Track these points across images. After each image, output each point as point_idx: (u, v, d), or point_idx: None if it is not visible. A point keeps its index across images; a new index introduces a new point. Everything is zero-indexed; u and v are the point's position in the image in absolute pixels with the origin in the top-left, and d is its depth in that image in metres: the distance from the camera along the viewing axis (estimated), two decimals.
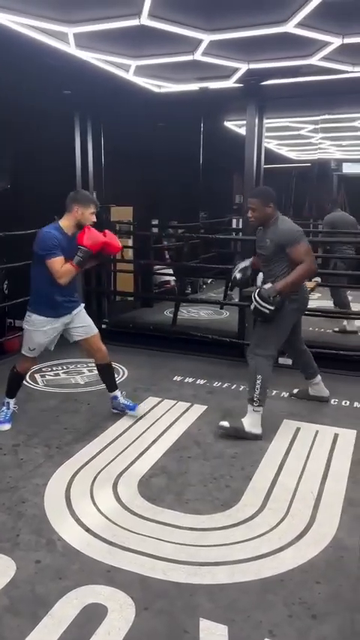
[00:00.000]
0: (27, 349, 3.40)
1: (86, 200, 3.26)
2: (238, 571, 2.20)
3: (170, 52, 3.93)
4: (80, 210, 3.22)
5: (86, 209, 3.22)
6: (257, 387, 3.33)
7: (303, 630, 1.90)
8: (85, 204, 3.23)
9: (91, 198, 3.36)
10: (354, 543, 2.38)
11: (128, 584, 2.12)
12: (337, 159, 9.52)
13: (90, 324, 3.55)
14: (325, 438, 3.44)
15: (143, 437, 3.43)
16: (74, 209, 3.22)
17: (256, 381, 3.33)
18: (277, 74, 4.47)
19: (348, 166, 9.10)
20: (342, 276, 6.00)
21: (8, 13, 3.26)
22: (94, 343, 3.58)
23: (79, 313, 3.50)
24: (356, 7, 3.08)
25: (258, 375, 3.33)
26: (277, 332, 3.38)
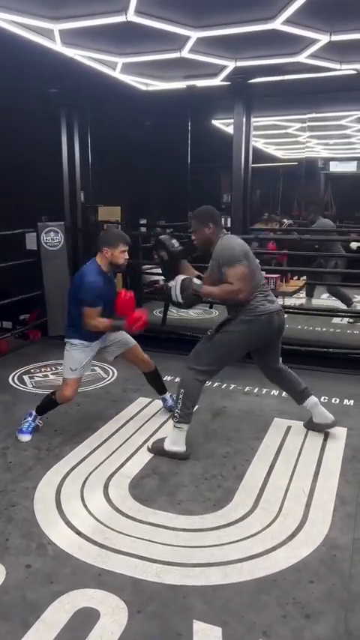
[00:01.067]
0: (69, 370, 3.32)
1: (114, 239, 3.19)
2: (231, 572, 2.18)
3: (157, 49, 3.90)
4: (109, 251, 3.17)
5: (115, 249, 3.16)
6: (179, 401, 3.07)
7: (297, 630, 1.89)
8: (113, 244, 3.17)
9: (120, 236, 3.24)
10: (346, 542, 2.37)
11: (120, 587, 2.09)
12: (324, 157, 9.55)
13: (125, 337, 3.48)
14: (315, 436, 3.43)
15: (134, 438, 3.40)
16: (103, 250, 3.19)
17: (180, 395, 3.08)
18: (264, 72, 4.46)
19: (335, 165, 9.13)
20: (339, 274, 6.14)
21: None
22: (135, 355, 3.56)
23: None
24: (343, 4, 3.08)
25: (181, 389, 3.08)
26: (215, 349, 3.06)
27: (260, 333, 3.09)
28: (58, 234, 5.45)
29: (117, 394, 4.17)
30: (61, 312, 5.47)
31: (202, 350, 3.11)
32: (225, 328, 3.05)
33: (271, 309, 3.06)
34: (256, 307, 3.02)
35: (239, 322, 3.02)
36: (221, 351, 3.09)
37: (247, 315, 3.01)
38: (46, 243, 5.42)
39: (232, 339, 3.06)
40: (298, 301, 6.79)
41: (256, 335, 3.09)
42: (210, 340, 3.07)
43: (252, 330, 3.05)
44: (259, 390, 4.28)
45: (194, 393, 3.10)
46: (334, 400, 4.04)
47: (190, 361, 3.12)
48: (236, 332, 3.04)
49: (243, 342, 3.13)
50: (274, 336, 3.19)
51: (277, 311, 3.10)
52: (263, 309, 3.03)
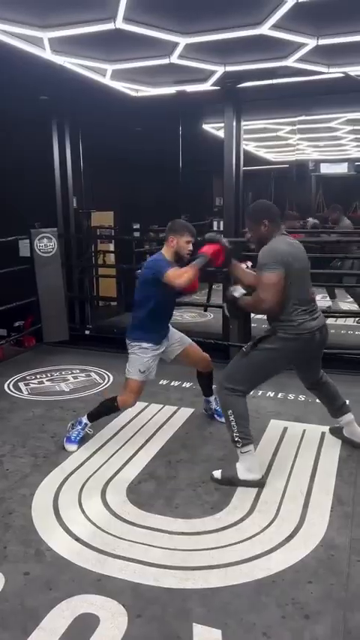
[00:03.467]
0: (137, 372, 3.25)
1: (180, 229, 3.14)
2: (230, 574, 2.19)
3: (146, 55, 3.93)
4: (175, 239, 3.13)
5: (181, 237, 3.11)
6: (232, 424, 2.81)
7: (297, 631, 1.89)
8: (179, 233, 3.12)
9: (186, 226, 3.17)
10: (344, 541, 2.38)
11: (120, 592, 2.09)
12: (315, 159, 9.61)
13: (181, 336, 3.46)
14: (312, 436, 3.45)
15: (131, 442, 3.41)
16: (169, 239, 3.15)
17: (229, 417, 2.82)
18: (253, 76, 4.50)
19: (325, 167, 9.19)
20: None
21: None
22: (195, 352, 3.51)
23: (170, 332, 3.43)
24: (329, 9, 3.12)
25: (229, 411, 2.83)
26: (249, 367, 2.84)
27: (300, 351, 2.86)
28: (51, 240, 5.46)
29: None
30: (56, 319, 5.50)
31: (236, 367, 2.89)
32: (261, 345, 2.81)
33: (313, 327, 2.80)
34: (298, 324, 2.76)
35: (278, 339, 2.78)
36: (257, 369, 2.87)
37: (287, 332, 2.76)
38: (40, 249, 5.42)
39: (269, 357, 2.82)
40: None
41: (295, 354, 2.87)
42: (245, 357, 2.85)
43: (292, 348, 2.81)
44: (255, 392, 4.28)
45: (243, 410, 2.85)
46: None
47: (224, 380, 2.90)
48: (273, 350, 2.79)
49: (280, 361, 2.89)
50: (315, 352, 2.98)
51: (319, 328, 2.85)
52: (305, 327, 2.77)
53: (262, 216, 2.83)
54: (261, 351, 2.81)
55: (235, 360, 2.94)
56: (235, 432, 2.81)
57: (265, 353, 2.81)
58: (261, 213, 2.86)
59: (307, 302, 2.84)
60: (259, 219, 2.83)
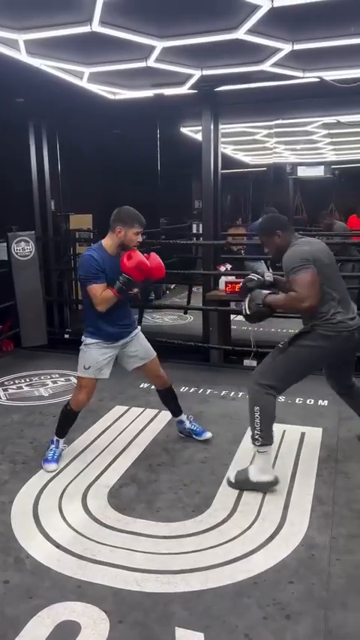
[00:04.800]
0: (82, 369, 3.13)
1: (129, 219, 2.95)
2: (211, 577, 2.19)
3: (123, 58, 3.92)
4: (123, 230, 2.93)
5: (129, 229, 2.92)
6: (257, 421, 2.76)
7: (278, 631, 1.90)
8: (127, 223, 2.93)
9: (135, 216, 2.98)
10: (324, 541, 2.40)
11: (101, 598, 2.08)
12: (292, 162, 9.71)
13: (147, 349, 3.26)
14: (292, 437, 3.48)
15: (111, 447, 3.39)
16: (116, 229, 2.94)
17: (255, 414, 2.77)
18: (230, 80, 4.53)
19: (302, 170, 9.29)
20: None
21: None
22: (152, 370, 3.31)
23: (135, 338, 3.22)
24: (304, 14, 3.15)
25: (256, 407, 2.77)
26: (286, 365, 2.80)
27: (338, 350, 2.82)
28: (29, 243, 5.40)
29: (93, 403, 4.10)
30: (34, 323, 5.44)
31: (272, 364, 2.83)
32: (300, 342, 2.78)
33: (351, 326, 2.76)
34: (337, 322, 2.74)
35: (317, 337, 2.75)
36: (293, 367, 2.82)
37: (327, 329, 2.73)
38: (17, 253, 5.36)
39: (307, 354, 2.79)
40: None
41: (333, 351, 2.83)
42: (282, 354, 2.80)
43: (330, 346, 2.77)
44: (235, 394, 4.31)
45: (271, 409, 2.80)
46: (308, 401, 4.10)
47: (258, 376, 2.83)
48: (313, 347, 2.76)
49: (318, 359, 2.88)
50: (350, 354, 2.96)
51: (357, 327, 2.80)
52: (344, 325, 2.74)
53: (273, 229, 2.84)
54: (298, 348, 2.77)
55: (271, 357, 2.87)
56: (257, 430, 2.76)
57: (303, 350, 2.77)
58: (271, 226, 2.87)
59: (344, 300, 2.82)
60: (272, 232, 2.84)
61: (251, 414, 2.80)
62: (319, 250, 2.79)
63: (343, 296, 2.83)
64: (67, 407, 3.17)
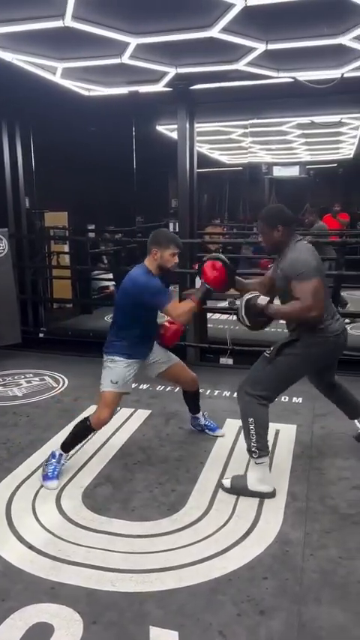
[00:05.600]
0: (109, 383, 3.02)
1: (165, 241, 2.91)
2: (186, 575, 2.19)
3: (97, 54, 3.89)
4: (159, 252, 2.90)
5: (165, 250, 2.89)
6: (252, 432, 2.71)
7: (252, 627, 1.91)
8: (163, 245, 2.90)
9: (171, 238, 2.96)
10: (298, 537, 2.43)
11: (75, 599, 2.06)
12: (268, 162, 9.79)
13: (167, 353, 3.26)
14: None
15: (86, 446, 3.35)
16: (152, 251, 2.92)
17: (249, 426, 2.72)
18: (205, 79, 4.54)
19: (277, 169, 9.37)
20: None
21: None
22: (179, 372, 3.31)
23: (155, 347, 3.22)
24: (277, 14, 3.17)
25: (250, 419, 2.72)
26: (277, 374, 2.75)
27: (327, 354, 2.84)
28: (2, 241, 5.31)
29: (68, 403, 4.10)
30: (8, 321, 5.35)
31: (263, 374, 2.77)
32: (288, 351, 2.73)
33: (337, 330, 2.77)
34: (326, 327, 2.72)
35: (308, 344, 2.72)
36: (284, 376, 2.78)
37: (317, 336, 2.71)
38: None
39: (297, 363, 2.75)
40: None
41: (323, 356, 2.83)
42: (271, 363, 2.74)
43: (319, 352, 2.76)
44: (211, 392, 4.32)
45: (265, 420, 2.75)
46: (283, 398, 4.12)
47: (249, 387, 2.77)
48: (302, 355, 2.74)
49: (309, 365, 2.87)
50: (335, 356, 2.95)
51: (342, 330, 2.82)
52: (331, 329, 2.74)
53: (276, 222, 2.74)
54: (288, 357, 2.73)
55: (259, 366, 2.81)
56: (254, 442, 2.71)
57: (293, 359, 2.73)
58: (275, 218, 2.76)
59: (328, 304, 2.81)
60: (274, 224, 2.74)
61: (245, 426, 2.74)
62: (319, 260, 2.76)
63: (328, 301, 2.84)
64: (87, 423, 2.99)
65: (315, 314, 2.61)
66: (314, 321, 2.65)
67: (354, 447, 3.31)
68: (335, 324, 2.78)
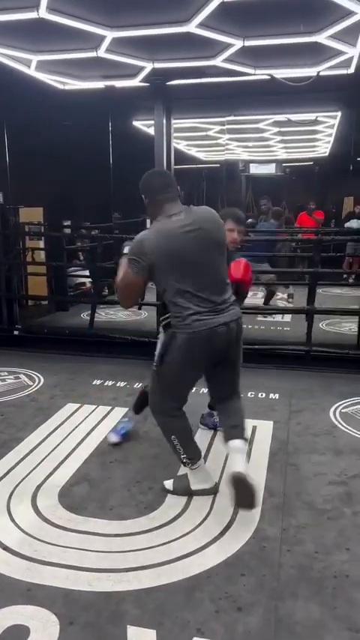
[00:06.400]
0: None
1: (222, 215, 2.77)
2: (164, 573, 2.18)
3: (72, 47, 3.83)
4: None
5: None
6: (178, 447, 2.62)
7: (230, 624, 1.92)
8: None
9: (228, 212, 2.96)
10: (275, 533, 2.44)
11: (51, 600, 2.03)
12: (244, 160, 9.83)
13: None
14: None
15: (63, 445, 3.32)
16: None
17: (173, 442, 2.62)
18: (182, 74, 4.52)
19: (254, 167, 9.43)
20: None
21: None
22: None
23: None
24: (254, 11, 3.18)
25: (172, 436, 2.62)
26: (168, 383, 2.59)
27: (201, 352, 2.46)
28: None
29: (44, 401, 4.05)
30: None
31: (158, 389, 2.66)
32: (165, 357, 2.52)
33: (210, 323, 2.40)
34: (193, 320, 2.40)
35: (177, 343, 2.45)
36: (175, 381, 2.59)
37: (182, 330, 2.41)
38: None
39: (176, 365, 2.51)
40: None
41: (197, 354, 2.47)
42: (157, 376, 2.63)
43: (192, 348, 2.44)
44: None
45: (183, 428, 2.65)
46: (260, 395, 4.16)
47: (156, 406, 2.70)
48: (178, 356, 2.47)
49: (189, 364, 2.52)
50: (220, 355, 2.53)
51: (224, 324, 2.45)
52: (203, 323, 2.40)
53: (145, 192, 2.56)
54: (167, 364, 2.53)
55: (152, 382, 2.70)
56: (182, 454, 2.64)
57: (172, 364, 2.51)
58: (144, 187, 2.58)
59: (187, 300, 2.42)
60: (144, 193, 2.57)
61: (171, 444, 2.65)
62: (163, 237, 2.40)
63: (200, 288, 2.41)
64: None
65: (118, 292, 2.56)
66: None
67: (330, 442, 3.35)
68: (210, 315, 2.41)
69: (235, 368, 2.67)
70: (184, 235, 2.40)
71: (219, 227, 2.55)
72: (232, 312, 2.52)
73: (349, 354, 4.91)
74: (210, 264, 2.46)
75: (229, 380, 2.69)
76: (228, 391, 2.71)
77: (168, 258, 2.39)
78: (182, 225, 2.42)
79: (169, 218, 2.45)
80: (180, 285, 2.41)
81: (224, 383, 2.70)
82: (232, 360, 2.62)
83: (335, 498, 2.73)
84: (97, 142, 7.28)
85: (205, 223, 2.47)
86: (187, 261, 2.39)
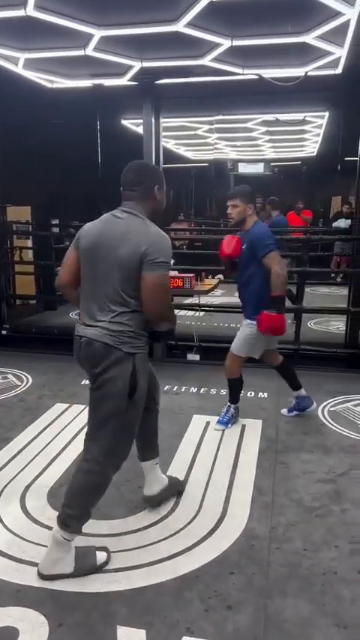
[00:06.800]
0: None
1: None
2: (153, 572, 2.18)
3: (60, 46, 3.80)
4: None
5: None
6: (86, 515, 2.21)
7: (219, 623, 1.92)
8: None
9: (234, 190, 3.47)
10: (264, 531, 2.45)
11: (40, 601, 2.02)
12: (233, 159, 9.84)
13: None
14: (233, 429, 3.53)
15: (51, 445, 3.30)
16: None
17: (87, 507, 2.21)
18: (170, 73, 4.51)
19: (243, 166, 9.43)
20: None
21: None
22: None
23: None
24: (243, 11, 3.18)
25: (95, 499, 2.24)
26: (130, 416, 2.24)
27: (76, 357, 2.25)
28: None
29: (32, 402, 4.03)
30: None
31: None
32: None
33: (77, 331, 2.19)
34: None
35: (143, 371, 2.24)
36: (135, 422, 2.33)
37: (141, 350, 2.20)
38: None
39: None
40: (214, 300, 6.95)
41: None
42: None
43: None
44: (178, 389, 4.32)
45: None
46: (249, 393, 4.17)
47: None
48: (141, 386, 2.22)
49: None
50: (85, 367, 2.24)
51: (78, 336, 2.17)
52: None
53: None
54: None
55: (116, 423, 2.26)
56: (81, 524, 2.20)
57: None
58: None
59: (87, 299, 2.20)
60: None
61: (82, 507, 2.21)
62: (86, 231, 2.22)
63: (88, 294, 2.18)
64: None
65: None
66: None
67: (318, 440, 3.37)
68: (80, 325, 2.20)
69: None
70: None
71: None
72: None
73: (337, 352, 4.96)
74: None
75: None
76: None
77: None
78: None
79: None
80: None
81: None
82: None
83: (324, 496, 2.75)
84: (85, 141, 7.25)
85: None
86: None
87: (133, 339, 2.13)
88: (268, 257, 3.17)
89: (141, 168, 2.33)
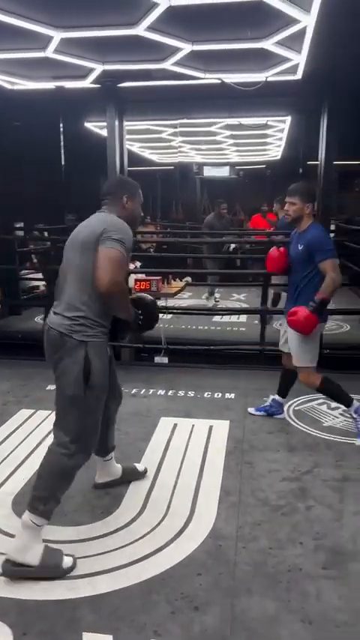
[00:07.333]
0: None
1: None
2: (119, 577, 2.16)
3: (20, 47, 3.75)
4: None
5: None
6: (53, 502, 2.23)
7: (186, 624, 1.92)
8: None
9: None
10: (231, 531, 2.47)
11: (3, 611, 1.98)
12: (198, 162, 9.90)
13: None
14: (200, 431, 3.54)
15: (16, 452, 3.25)
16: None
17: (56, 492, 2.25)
18: (132, 77, 4.50)
19: (208, 169, 9.51)
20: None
21: None
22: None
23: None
24: (202, 16, 3.20)
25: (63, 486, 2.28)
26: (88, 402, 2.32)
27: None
28: None
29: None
30: None
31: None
32: None
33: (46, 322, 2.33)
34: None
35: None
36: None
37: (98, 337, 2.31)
38: None
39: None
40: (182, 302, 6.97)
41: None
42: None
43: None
44: (146, 392, 4.31)
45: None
46: (216, 395, 4.20)
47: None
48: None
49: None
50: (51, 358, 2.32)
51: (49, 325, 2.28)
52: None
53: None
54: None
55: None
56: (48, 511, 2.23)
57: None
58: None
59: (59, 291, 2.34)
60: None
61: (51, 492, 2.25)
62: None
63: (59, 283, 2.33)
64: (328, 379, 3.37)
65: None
66: None
67: (283, 439, 3.42)
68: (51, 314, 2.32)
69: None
70: None
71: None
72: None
73: None
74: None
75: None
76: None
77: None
78: None
79: None
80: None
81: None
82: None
83: (289, 494, 2.79)
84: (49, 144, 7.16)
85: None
86: None
87: (86, 328, 2.22)
88: (326, 263, 3.11)
89: (113, 181, 2.65)
